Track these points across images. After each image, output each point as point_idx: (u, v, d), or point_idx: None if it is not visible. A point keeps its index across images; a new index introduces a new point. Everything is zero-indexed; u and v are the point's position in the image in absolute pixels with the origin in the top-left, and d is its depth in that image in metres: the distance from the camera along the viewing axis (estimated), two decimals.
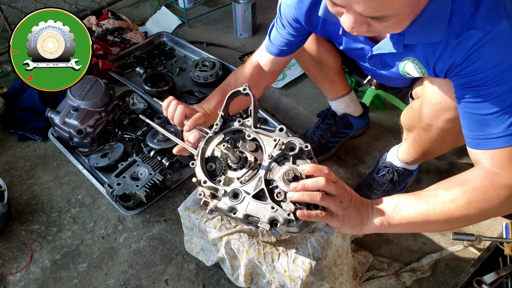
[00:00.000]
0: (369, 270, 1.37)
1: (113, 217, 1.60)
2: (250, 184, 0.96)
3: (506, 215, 1.51)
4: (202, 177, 0.99)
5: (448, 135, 1.21)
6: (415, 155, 1.41)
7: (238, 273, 1.20)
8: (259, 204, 0.93)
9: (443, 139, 1.24)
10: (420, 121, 1.24)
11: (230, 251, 1.17)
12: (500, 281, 1.25)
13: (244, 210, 0.93)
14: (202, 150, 1.04)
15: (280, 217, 0.90)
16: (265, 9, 2.68)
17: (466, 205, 0.93)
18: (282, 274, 1.10)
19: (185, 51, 2.43)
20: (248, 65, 1.38)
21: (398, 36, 1.02)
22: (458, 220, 0.95)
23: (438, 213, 0.94)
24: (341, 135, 1.77)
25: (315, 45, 1.51)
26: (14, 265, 1.46)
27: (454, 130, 1.17)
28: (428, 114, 1.19)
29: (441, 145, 1.28)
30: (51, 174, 1.77)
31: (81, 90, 1.79)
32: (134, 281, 1.41)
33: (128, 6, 2.89)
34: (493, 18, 0.89)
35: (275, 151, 0.98)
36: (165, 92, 2.06)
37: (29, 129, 1.91)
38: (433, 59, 1.01)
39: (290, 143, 0.98)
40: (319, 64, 1.58)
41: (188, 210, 1.24)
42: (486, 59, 0.91)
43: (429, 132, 1.24)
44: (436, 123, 1.18)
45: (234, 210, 0.94)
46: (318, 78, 1.65)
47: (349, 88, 1.71)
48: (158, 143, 1.78)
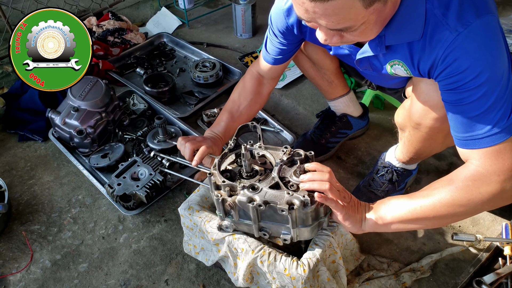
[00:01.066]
0: (369, 270, 1.37)
1: (113, 217, 1.60)
2: (264, 182, 1.08)
3: (506, 216, 1.52)
4: (220, 179, 1.09)
5: (438, 133, 1.22)
6: (409, 154, 1.42)
7: (239, 272, 1.20)
8: (275, 192, 1.04)
9: (433, 138, 1.25)
10: (410, 120, 1.25)
11: (234, 250, 1.17)
12: (500, 281, 1.25)
13: (263, 197, 1.03)
14: (218, 163, 1.15)
15: (296, 200, 1.01)
16: (265, 9, 2.67)
17: (451, 203, 1.00)
18: (282, 273, 1.10)
19: (185, 51, 2.44)
20: (247, 78, 1.47)
21: (378, 39, 1.03)
22: (446, 216, 1.03)
23: (425, 211, 1.02)
24: (341, 136, 1.78)
25: (312, 47, 1.52)
26: (15, 265, 1.46)
27: (443, 129, 1.18)
28: (416, 113, 1.20)
29: (432, 144, 1.29)
30: (51, 174, 1.77)
31: (81, 90, 1.79)
32: (134, 281, 1.41)
33: (129, 7, 2.89)
34: (464, 18, 0.90)
35: (285, 157, 1.13)
36: (165, 93, 2.07)
37: (30, 130, 1.91)
38: (416, 59, 1.03)
39: (297, 151, 1.14)
40: (317, 66, 1.58)
41: (192, 209, 1.24)
42: (461, 61, 0.92)
43: (419, 131, 1.25)
44: (425, 122, 1.19)
45: (253, 200, 1.04)
46: (316, 79, 1.65)
47: (348, 89, 1.71)
48: (158, 143, 1.78)
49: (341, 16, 0.84)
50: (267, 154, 1.17)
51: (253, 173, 1.13)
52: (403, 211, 1.04)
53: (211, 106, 2.02)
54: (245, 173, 1.13)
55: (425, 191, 1.05)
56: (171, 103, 2.09)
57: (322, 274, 1.15)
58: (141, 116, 1.98)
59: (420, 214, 1.03)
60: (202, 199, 1.29)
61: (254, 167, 1.14)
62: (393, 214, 1.05)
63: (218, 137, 1.40)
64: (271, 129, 1.91)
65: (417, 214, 1.03)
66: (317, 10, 0.83)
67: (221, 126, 1.42)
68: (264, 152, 1.17)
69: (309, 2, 0.82)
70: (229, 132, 1.43)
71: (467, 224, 1.52)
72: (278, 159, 1.14)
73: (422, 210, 1.02)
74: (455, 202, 0.99)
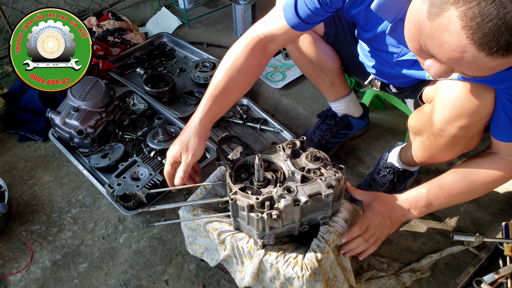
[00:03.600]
0: (369, 270, 1.37)
1: (113, 217, 1.60)
2: (288, 181, 1.12)
3: (506, 216, 1.52)
4: (252, 199, 1.08)
5: (460, 141, 1.18)
6: (422, 159, 1.37)
7: (247, 271, 1.19)
8: (309, 185, 1.09)
9: (454, 145, 1.20)
10: (431, 126, 1.18)
11: (241, 249, 1.17)
12: (500, 281, 1.25)
13: (304, 194, 1.07)
14: (232, 186, 1.14)
15: (332, 181, 1.09)
16: (265, 9, 2.66)
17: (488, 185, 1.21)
18: (286, 268, 1.10)
19: (185, 51, 2.44)
20: (246, 44, 1.22)
21: None
22: None
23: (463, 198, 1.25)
24: (341, 136, 1.78)
25: (313, 48, 1.52)
26: (15, 265, 1.46)
27: (466, 137, 1.15)
28: (441, 120, 1.14)
29: (450, 151, 1.24)
30: (51, 174, 1.77)
31: (81, 90, 1.79)
32: (134, 281, 1.41)
33: (129, 7, 2.89)
34: None
35: (288, 151, 1.17)
36: (165, 93, 2.07)
37: (30, 130, 1.91)
38: None
39: (292, 141, 1.20)
40: (318, 67, 1.58)
41: (196, 210, 1.24)
42: None
43: (440, 137, 1.19)
44: (449, 129, 1.14)
45: (298, 200, 1.06)
46: (317, 80, 1.65)
47: (349, 89, 1.71)
48: (158, 143, 1.78)
49: (480, 71, 0.79)
50: (269, 159, 1.18)
51: (265, 182, 1.15)
52: (444, 205, 1.25)
53: None
54: (258, 182, 1.14)
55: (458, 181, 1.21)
56: (171, 103, 2.10)
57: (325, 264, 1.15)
58: (141, 116, 1.98)
59: (463, 199, 1.26)
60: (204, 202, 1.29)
61: (266, 175, 1.16)
62: (434, 209, 1.24)
63: (202, 136, 1.23)
64: (271, 129, 1.91)
65: (459, 200, 1.25)
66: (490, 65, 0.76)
67: (206, 118, 1.23)
68: (265, 157, 1.18)
69: (486, 57, 0.74)
70: (215, 119, 1.27)
71: (467, 224, 1.52)
72: (280, 158, 1.16)
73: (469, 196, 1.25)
74: None
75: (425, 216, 1.56)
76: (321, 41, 1.52)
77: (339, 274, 1.18)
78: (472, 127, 1.11)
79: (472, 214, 1.54)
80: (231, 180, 1.14)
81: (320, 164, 1.14)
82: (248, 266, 1.17)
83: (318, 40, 1.52)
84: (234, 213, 1.13)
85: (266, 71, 2.23)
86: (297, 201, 1.06)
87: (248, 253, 1.16)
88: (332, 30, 1.48)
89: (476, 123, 1.10)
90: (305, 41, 1.52)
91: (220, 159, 1.21)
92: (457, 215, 1.55)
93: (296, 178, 1.11)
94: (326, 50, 1.53)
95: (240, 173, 1.20)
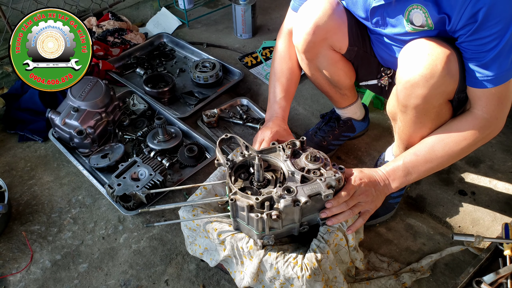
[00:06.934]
0: (369, 270, 1.37)
1: (113, 217, 1.60)
2: (288, 181, 1.12)
3: (506, 216, 1.52)
4: (251, 199, 1.09)
5: (424, 116, 1.21)
6: (403, 144, 1.38)
7: (246, 271, 1.19)
8: (309, 185, 1.09)
9: (421, 121, 1.23)
10: (398, 106, 1.25)
11: (241, 249, 1.17)
12: (500, 281, 1.25)
13: (304, 194, 1.07)
14: (232, 186, 1.15)
15: (332, 182, 1.10)
16: (265, 10, 2.68)
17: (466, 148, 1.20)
18: (285, 269, 1.10)
19: (185, 52, 2.44)
20: (279, 42, 1.52)
21: None
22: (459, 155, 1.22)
23: (441, 163, 1.23)
24: (343, 138, 1.78)
25: (333, 69, 1.50)
26: (15, 266, 1.46)
27: (429, 111, 1.19)
28: (401, 94, 1.19)
29: (422, 129, 1.26)
30: (51, 174, 1.77)
31: (81, 91, 1.79)
32: (134, 282, 1.41)
33: (129, 7, 2.89)
34: None
35: (288, 151, 1.17)
36: (165, 93, 2.07)
37: (30, 130, 1.91)
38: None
39: (292, 141, 1.20)
40: (333, 83, 1.57)
41: (196, 210, 1.24)
42: None
43: (406, 114, 1.24)
44: (410, 102, 1.18)
45: (297, 201, 1.07)
46: (329, 92, 1.64)
47: (356, 96, 1.71)
48: (158, 143, 1.78)
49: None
50: (269, 159, 1.18)
51: (265, 183, 1.15)
52: (422, 173, 1.23)
53: (211, 106, 2.02)
54: (257, 183, 1.14)
55: (432, 146, 1.21)
56: (171, 104, 2.10)
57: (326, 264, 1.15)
58: (141, 117, 1.99)
59: (436, 167, 1.24)
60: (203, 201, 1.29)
61: (265, 175, 1.17)
62: (413, 177, 1.23)
63: (278, 120, 1.41)
64: None
65: (432, 169, 1.24)
66: None
67: (285, 112, 1.45)
68: (265, 157, 1.18)
69: None
70: (287, 104, 1.46)
71: (467, 224, 1.52)
72: (280, 158, 1.16)
73: (439, 163, 1.23)
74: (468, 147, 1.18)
75: (425, 216, 1.56)
76: (342, 62, 1.49)
77: (339, 275, 1.18)
78: (432, 98, 1.14)
79: (472, 214, 1.54)
80: (231, 180, 1.14)
81: (320, 165, 1.14)
82: (248, 266, 1.17)
83: (339, 61, 1.48)
84: (234, 213, 1.13)
85: (266, 71, 2.24)
86: (296, 202, 1.06)
87: (248, 254, 1.15)
88: (355, 47, 1.44)
89: (433, 91, 1.12)
90: (326, 62, 1.48)
91: (220, 159, 1.22)
92: (457, 215, 1.55)
93: (296, 178, 1.11)
94: (345, 70, 1.51)
95: (240, 173, 1.20)
